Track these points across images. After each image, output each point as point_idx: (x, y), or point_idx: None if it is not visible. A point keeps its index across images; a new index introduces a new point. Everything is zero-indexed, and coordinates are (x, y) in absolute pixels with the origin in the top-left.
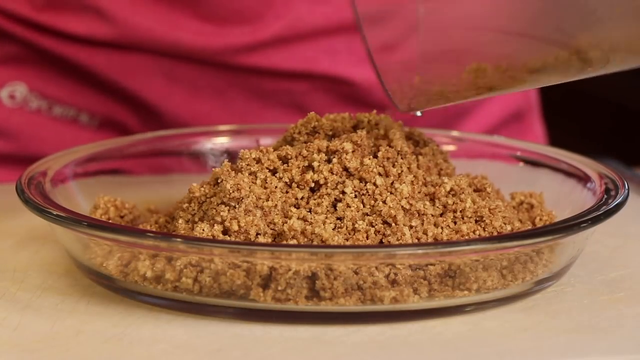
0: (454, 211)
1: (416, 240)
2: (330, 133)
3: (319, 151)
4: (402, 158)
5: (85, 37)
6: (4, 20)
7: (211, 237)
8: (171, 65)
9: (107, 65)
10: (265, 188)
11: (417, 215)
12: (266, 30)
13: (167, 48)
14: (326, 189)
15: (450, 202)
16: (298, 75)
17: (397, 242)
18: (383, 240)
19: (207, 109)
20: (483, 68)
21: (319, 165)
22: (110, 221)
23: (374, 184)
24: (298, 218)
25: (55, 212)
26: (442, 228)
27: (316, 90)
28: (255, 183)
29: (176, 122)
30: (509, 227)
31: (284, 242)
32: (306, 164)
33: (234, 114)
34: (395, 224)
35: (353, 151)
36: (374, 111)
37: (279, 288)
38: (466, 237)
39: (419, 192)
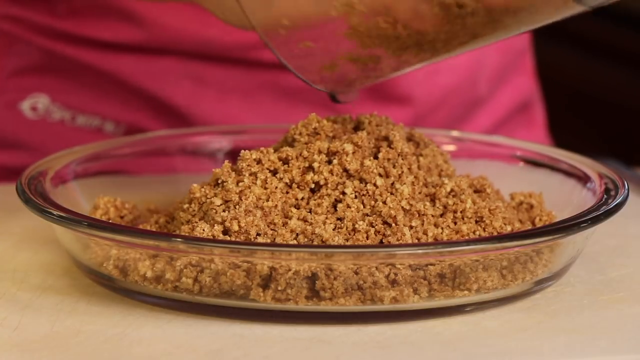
0: (454, 212)
1: (416, 241)
2: (331, 134)
3: (320, 152)
4: (402, 159)
5: (111, 42)
6: (24, 30)
7: (211, 237)
8: (199, 67)
9: (134, 70)
10: (266, 188)
11: (417, 215)
12: None
13: (197, 48)
14: (326, 189)
15: (450, 202)
16: None
17: (397, 243)
18: (383, 241)
19: (235, 112)
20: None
21: (319, 166)
22: (110, 221)
23: (374, 184)
24: (298, 218)
25: (55, 212)
26: (442, 228)
27: None
28: (256, 184)
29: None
30: (509, 228)
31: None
32: (307, 164)
33: (262, 115)
34: (396, 225)
35: (353, 152)
36: (375, 112)
37: (279, 288)
38: (466, 238)
39: (420, 193)
